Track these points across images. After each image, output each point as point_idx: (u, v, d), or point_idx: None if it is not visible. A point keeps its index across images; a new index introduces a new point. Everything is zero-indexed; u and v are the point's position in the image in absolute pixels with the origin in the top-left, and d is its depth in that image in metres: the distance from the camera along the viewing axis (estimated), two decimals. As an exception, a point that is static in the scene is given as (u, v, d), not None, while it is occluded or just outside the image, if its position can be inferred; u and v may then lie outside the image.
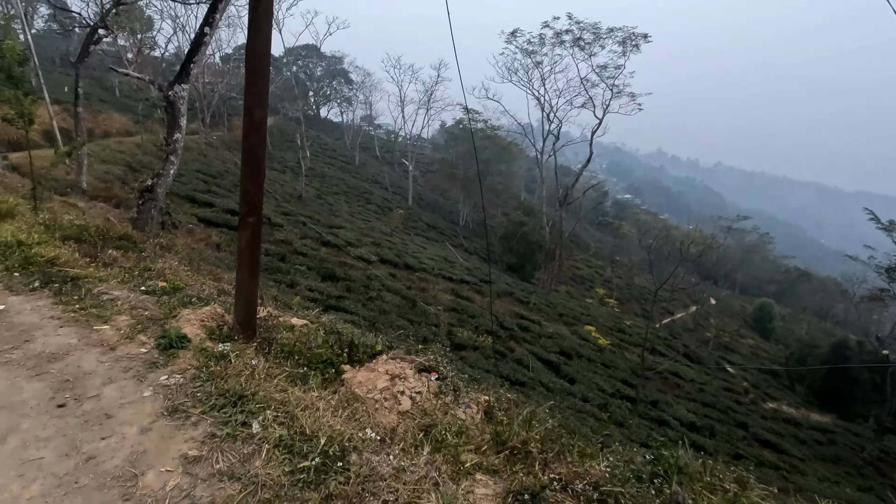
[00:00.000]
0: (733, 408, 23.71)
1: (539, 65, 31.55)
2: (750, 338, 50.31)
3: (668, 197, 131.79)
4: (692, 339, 44.31)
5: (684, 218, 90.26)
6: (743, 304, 55.14)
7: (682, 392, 23.91)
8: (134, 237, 7.24)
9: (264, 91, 3.38)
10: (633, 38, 27.92)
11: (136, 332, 3.80)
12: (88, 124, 27.63)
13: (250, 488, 2.21)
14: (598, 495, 2.84)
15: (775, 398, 31.93)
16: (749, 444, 19.97)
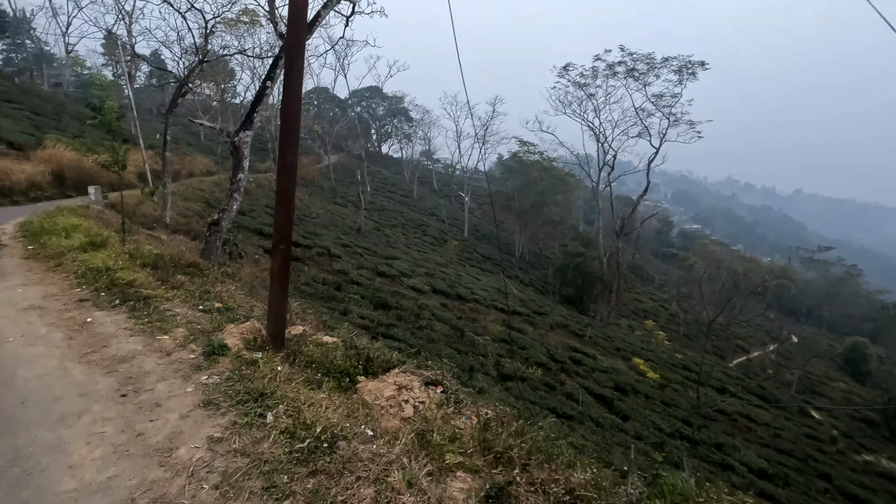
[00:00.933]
0: (815, 457, 21.57)
1: (592, 96, 31.78)
2: (841, 381, 45.49)
3: (741, 227, 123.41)
4: (771, 380, 40.83)
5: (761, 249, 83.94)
6: (831, 343, 50.08)
7: (753, 436, 22.12)
8: (200, 265, 8.29)
9: (295, 141, 4.08)
10: (689, 66, 27.52)
11: (188, 342, 4.52)
12: (175, 166, 31.17)
13: (256, 462, 2.72)
14: (569, 498, 3.07)
15: (872, 450, 28.54)
16: (832, 498, 18.05)
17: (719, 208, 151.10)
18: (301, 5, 4.06)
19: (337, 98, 68.90)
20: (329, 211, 43.93)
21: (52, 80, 53.61)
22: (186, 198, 26.01)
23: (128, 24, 25.47)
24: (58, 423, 3.14)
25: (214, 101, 54.95)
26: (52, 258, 7.56)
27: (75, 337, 4.61)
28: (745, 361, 45.70)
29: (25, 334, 4.64)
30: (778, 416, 28.42)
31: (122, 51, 29.30)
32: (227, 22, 34.89)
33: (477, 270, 43.32)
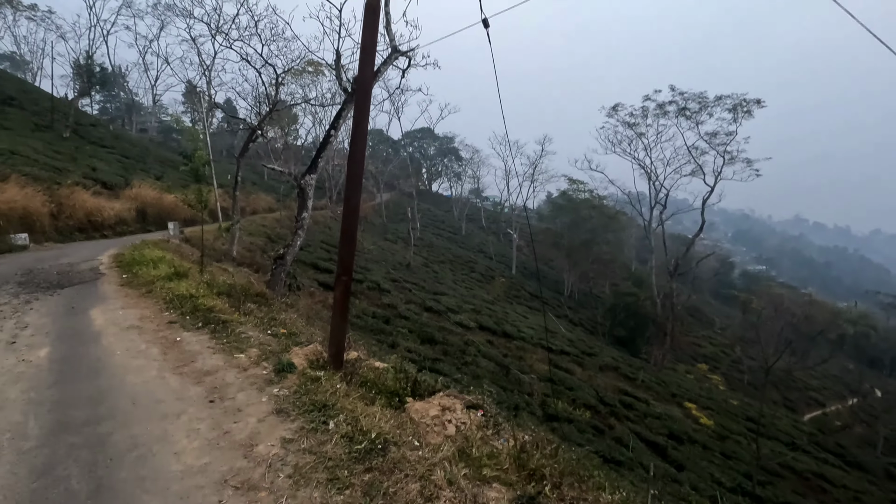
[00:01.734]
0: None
1: (642, 135, 31.89)
2: (938, 443, 40.63)
3: (812, 269, 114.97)
4: (851, 438, 37.27)
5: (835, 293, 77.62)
6: (924, 399, 45.13)
7: (828, 498, 20.32)
8: (267, 295, 9.20)
9: (359, 187, 4.79)
10: (744, 104, 27.20)
11: (261, 360, 5.21)
12: (241, 203, 33.83)
13: (321, 459, 3.24)
14: (595, 514, 3.36)
15: (980, 527, 25.28)
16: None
17: (786, 249, 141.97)
18: (368, 75, 4.86)
19: (390, 139, 72.40)
20: (380, 247, 45.58)
21: (139, 126, 60.11)
22: (250, 233, 28.08)
23: (208, 76, 28.76)
24: (162, 420, 3.83)
25: (278, 143, 59.38)
26: (143, 286, 8.69)
27: (168, 352, 5.42)
28: (820, 416, 42.04)
29: (129, 349, 5.51)
30: (860, 479, 25.87)
31: (202, 100, 32.79)
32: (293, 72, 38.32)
33: (524, 308, 43.05)
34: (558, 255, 54.92)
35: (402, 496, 2.78)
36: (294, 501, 2.84)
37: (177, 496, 2.89)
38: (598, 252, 53.72)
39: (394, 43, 10.69)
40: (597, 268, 56.00)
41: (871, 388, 45.81)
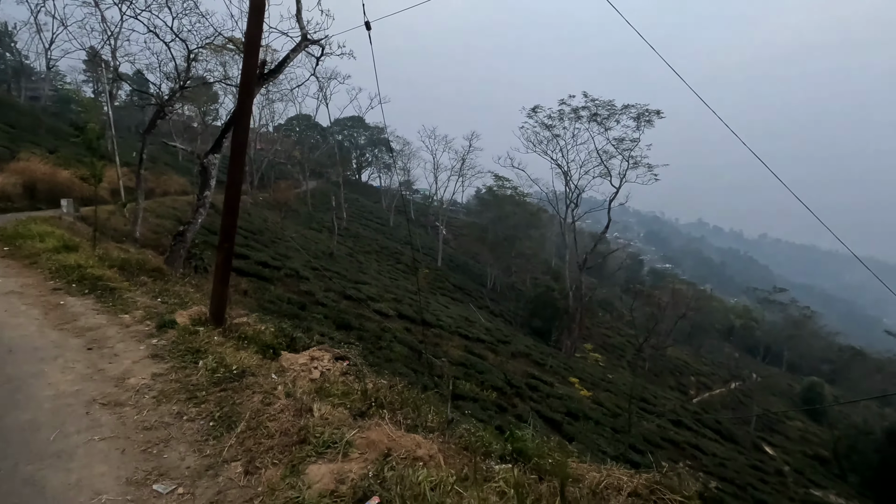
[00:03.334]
0: (755, 486, 22.89)
1: (557, 137, 34.20)
2: (799, 420, 47.36)
3: (710, 268, 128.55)
4: (731, 417, 42.37)
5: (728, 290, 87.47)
6: (791, 382, 52.26)
7: (697, 464, 23.35)
8: (164, 270, 9.41)
9: (241, 163, 5.42)
10: (646, 114, 30.19)
11: (144, 319, 5.69)
12: (150, 184, 32.00)
13: (185, 385, 3.92)
14: (410, 421, 4.31)
15: (821, 486, 30.02)
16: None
17: (689, 249, 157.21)
18: (252, 65, 5.48)
19: (319, 125, 70.95)
20: (304, 235, 44.91)
21: (29, 93, 54.29)
22: (159, 215, 26.86)
23: (112, 46, 26.86)
24: (39, 362, 4.28)
25: (195, 123, 56.31)
26: (27, 257, 8.61)
27: (50, 313, 5.72)
28: (707, 398, 47.27)
29: (8, 310, 5.74)
30: (731, 450, 29.80)
31: (105, 70, 30.55)
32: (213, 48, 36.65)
33: (447, 299, 44.45)
34: (483, 249, 56.96)
35: (247, 405, 3.52)
36: (155, 413, 3.49)
37: (49, 411, 3.43)
38: (521, 247, 56.46)
39: (304, 31, 11.15)
40: (519, 262, 58.82)
41: (750, 374, 52.01)
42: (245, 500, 2.62)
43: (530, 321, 45.81)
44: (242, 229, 35.07)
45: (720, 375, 53.98)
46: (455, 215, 76.32)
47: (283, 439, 3.10)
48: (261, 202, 51.56)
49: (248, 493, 2.67)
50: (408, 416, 4.46)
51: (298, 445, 3.04)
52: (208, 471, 2.88)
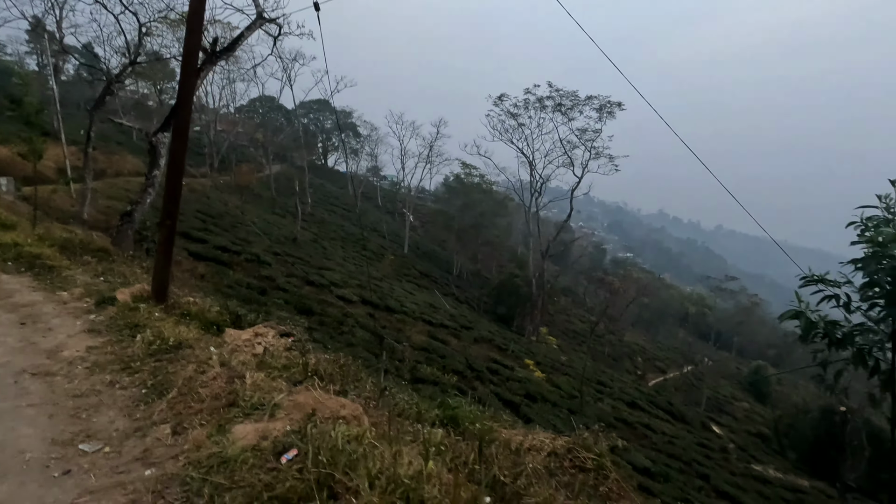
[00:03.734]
0: (700, 461, 24.23)
1: (523, 126, 34.65)
2: (745, 401, 50.00)
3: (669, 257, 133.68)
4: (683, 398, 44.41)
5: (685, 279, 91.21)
6: (739, 366, 55.17)
7: (647, 442, 24.52)
8: (109, 250, 9.21)
9: (184, 142, 5.41)
10: (608, 105, 30.95)
11: (83, 297, 5.65)
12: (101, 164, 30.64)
13: (121, 357, 3.98)
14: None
15: (761, 461, 31.95)
16: (707, 495, 20.53)
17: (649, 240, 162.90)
18: (195, 42, 5.45)
19: (283, 108, 69.16)
20: (266, 220, 44.00)
21: (-36, 64, 50.67)
22: (110, 196, 25.83)
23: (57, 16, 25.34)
24: (-33, 336, 4.23)
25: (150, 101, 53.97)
26: (-41, 236, 8.27)
27: (-18, 290, 5.60)
28: (661, 381, 49.32)
29: (-65, 287, 5.59)
30: (680, 429, 31.33)
31: (49, 42, 28.86)
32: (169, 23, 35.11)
33: (413, 286, 44.58)
34: (450, 237, 57.25)
35: (180, 374, 3.63)
36: (86, 382, 3.56)
37: (-26, 382, 3.45)
38: (488, 235, 57.04)
39: (259, 8, 10.96)
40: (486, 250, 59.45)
41: (703, 358, 54.51)
42: (170, 456, 2.76)
43: (495, 308, 46.56)
44: (201, 213, 34.12)
45: (674, 360, 56.29)
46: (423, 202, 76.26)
47: (213, 403, 3.24)
48: (221, 186, 50.11)
49: (173, 450, 2.81)
50: (345, 385, 4.65)
51: (227, 408, 3.19)
52: (136, 432, 3.00)
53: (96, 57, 32.64)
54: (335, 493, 2.35)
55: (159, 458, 2.75)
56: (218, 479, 2.51)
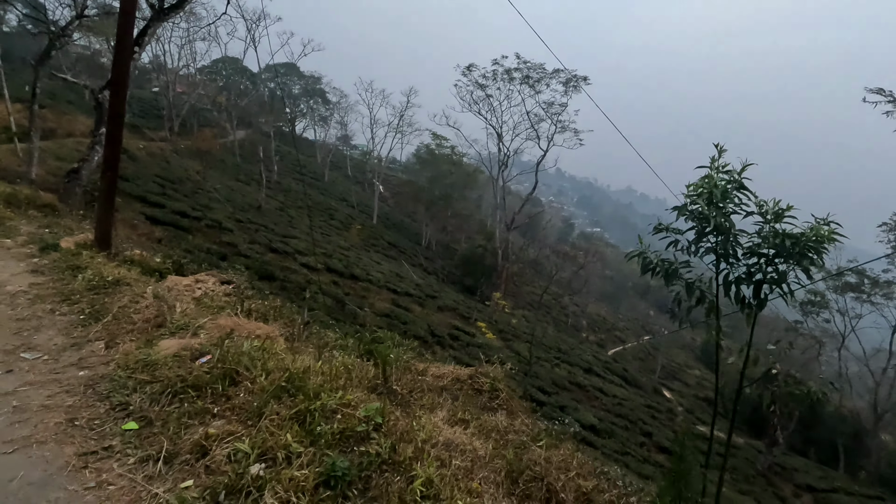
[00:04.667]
0: (645, 420, 25.99)
1: (490, 97, 34.86)
2: (697, 369, 52.79)
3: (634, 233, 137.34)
4: (639, 366, 46.68)
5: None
6: (694, 337, 58.17)
7: (598, 403, 26.12)
8: (56, 206, 9.35)
9: (123, 95, 5.68)
10: (574, 79, 31.42)
11: (27, 244, 5.96)
12: (51, 124, 29.47)
13: (61, 291, 4.39)
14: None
15: (706, 423, 34.28)
16: (647, 450, 22.21)
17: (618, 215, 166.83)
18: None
19: (248, 70, 66.90)
20: (229, 187, 43.24)
21: None
22: (60, 157, 25.06)
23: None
24: (-89, 274, 4.55)
25: (103, 57, 51.38)
26: None
27: (-75, 237, 5.83)
28: (620, 350, 51.65)
29: None
30: (633, 393, 33.25)
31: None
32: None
33: (381, 256, 44.96)
34: (419, 208, 57.50)
35: (115, 303, 4.09)
36: (29, 310, 3.98)
37: (-80, 309, 3.83)
38: (457, 207, 57.52)
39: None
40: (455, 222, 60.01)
41: (660, 329, 57.08)
42: (102, 363, 3.26)
43: (463, 279, 47.53)
44: (159, 178, 33.37)
45: (634, 330, 58.74)
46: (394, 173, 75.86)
47: (144, 325, 3.73)
48: (182, 150, 48.69)
49: (105, 359, 3.31)
50: (274, 320, 5.20)
51: (156, 329, 3.69)
52: (73, 346, 3.48)
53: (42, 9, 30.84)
54: (236, 381, 2.92)
55: (92, 364, 3.25)
56: (142, 377, 3.04)
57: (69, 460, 2.34)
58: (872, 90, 7.58)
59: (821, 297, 30.75)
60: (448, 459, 2.57)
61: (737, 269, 4.37)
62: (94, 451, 2.42)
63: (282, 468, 2.19)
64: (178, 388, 2.87)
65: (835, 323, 31.63)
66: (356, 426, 2.53)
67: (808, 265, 3.86)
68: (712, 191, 4.01)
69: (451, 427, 3.23)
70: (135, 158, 36.11)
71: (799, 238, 3.73)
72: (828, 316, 31.45)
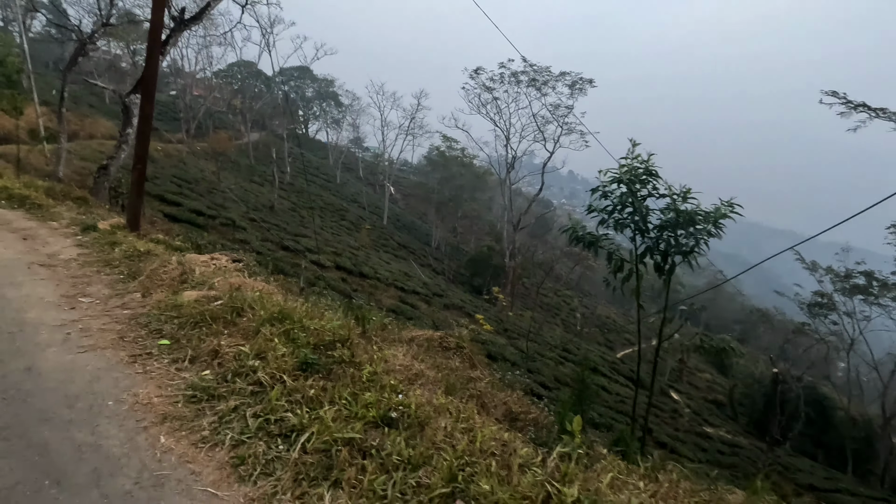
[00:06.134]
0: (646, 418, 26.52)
1: (497, 100, 35.84)
2: (708, 372, 52.87)
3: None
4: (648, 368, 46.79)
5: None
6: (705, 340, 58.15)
7: (599, 400, 26.74)
8: (87, 198, 10.55)
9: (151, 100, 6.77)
10: (580, 82, 32.26)
11: (71, 226, 7.09)
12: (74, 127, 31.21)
13: (103, 259, 5.46)
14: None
15: (714, 424, 34.68)
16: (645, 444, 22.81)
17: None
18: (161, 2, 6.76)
19: (263, 74, 68.79)
20: (244, 188, 44.84)
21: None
22: (83, 157, 26.67)
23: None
24: (-19, 245, 5.67)
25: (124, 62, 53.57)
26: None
27: (-15, 220, 7.00)
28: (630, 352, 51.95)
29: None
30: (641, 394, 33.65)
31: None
32: (141, -18, 35.09)
33: (390, 256, 46.12)
34: (429, 209, 58.57)
35: (148, 266, 5.13)
36: (80, 271, 5.05)
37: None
38: (467, 208, 58.49)
39: (225, -21, 12.02)
40: (465, 223, 61.01)
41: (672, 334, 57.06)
42: (140, 306, 4.29)
43: (471, 279, 48.48)
44: (177, 178, 34.98)
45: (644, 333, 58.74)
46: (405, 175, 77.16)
47: (171, 282, 4.76)
48: (198, 152, 50.51)
49: (142, 304, 4.35)
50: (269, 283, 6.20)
51: (180, 284, 4.71)
52: (116, 295, 4.52)
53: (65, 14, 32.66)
54: (241, 314, 3.92)
55: (133, 307, 4.29)
56: (171, 314, 4.06)
57: (123, 359, 3.36)
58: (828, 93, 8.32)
59: (828, 298, 31.00)
60: (395, 366, 3.53)
61: (649, 242, 5.25)
62: (140, 354, 3.44)
63: (271, 361, 3.18)
64: (198, 320, 3.88)
65: (843, 325, 31.81)
66: (326, 339, 3.50)
67: (701, 236, 4.74)
68: (630, 176, 4.90)
69: (409, 359, 4.19)
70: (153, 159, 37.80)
71: (693, 214, 4.61)
72: (836, 318, 31.63)
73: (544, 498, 2.23)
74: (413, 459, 2.38)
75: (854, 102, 8.08)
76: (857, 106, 8.04)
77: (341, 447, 2.43)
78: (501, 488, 2.25)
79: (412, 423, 2.68)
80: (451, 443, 2.57)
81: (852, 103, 8.12)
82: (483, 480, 2.28)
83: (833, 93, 8.24)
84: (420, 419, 2.71)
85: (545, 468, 2.51)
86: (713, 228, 4.65)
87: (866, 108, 7.93)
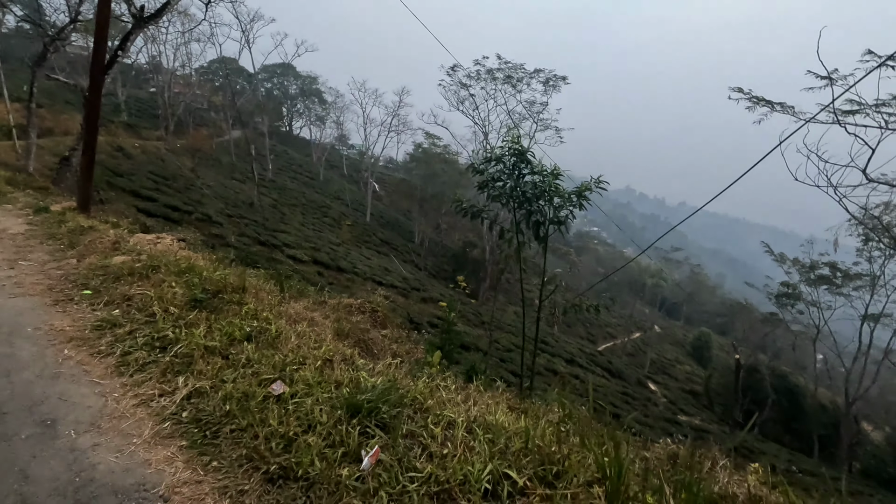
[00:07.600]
0: (616, 404, 27.54)
1: (474, 96, 36.59)
2: (687, 364, 54.12)
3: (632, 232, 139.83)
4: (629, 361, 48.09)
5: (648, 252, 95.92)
6: (685, 333, 59.50)
7: (572, 388, 27.62)
8: (48, 187, 11.15)
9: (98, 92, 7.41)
10: (553, 79, 33.13)
11: (25, 208, 7.74)
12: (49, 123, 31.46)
13: (48, 233, 6.13)
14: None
15: (689, 413, 35.78)
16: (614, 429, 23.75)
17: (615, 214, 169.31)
18: (106, 11, 7.41)
19: (244, 71, 68.98)
20: (224, 185, 45.20)
21: None
22: (56, 154, 26.98)
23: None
24: (-61, 221, 6.31)
25: (101, 59, 53.50)
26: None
27: (-56, 202, 7.62)
28: (611, 346, 53.12)
29: None
30: (617, 384, 34.75)
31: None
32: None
33: (372, 252, 46.72)
34: (413, 206, 59.20)
35: (86, 238, 5.81)
36: (25, 242, 5.71)
37: (-51, 240, 5.57)
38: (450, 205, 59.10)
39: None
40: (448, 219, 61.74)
41: (652, 325, 58.40)
42: (73, 268, 4.98)
43: (454, 275, 49.27)
44: (153, 174, 35.33)
45: (626, 327, 60.12)
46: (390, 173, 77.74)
47: (104, 249, 5.44)
48: (177, 149, 50.71)
49: (76, 267, 5.04)
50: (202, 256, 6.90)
51: (113, 251, 5.40)
52: (54, 261, 5.20)
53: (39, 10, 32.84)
54: (156, 270, 4.63)
55: (67, 269, 4.98)
56: (97, 273, 4.75)
57: (47, 302, 4.06)
58: (734, 89, 9.09)
59: (794, 288, 32.16)
60: (279, 307, 4.27)
61: (535, 215, 6.01)
62: (63, 300, 4.14)
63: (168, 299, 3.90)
64: (120, 275, 4.58)
65: (809, 315, 33.00)
66: (219, 286, 4.23)
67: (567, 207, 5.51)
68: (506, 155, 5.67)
69: (304, 310, 4.92)
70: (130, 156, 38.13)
71: (557, 187, 5.39)
72: (802, 308, 32.82)
73: (350, 381, 2.98)
74: (255, 360, 3.11)
75: (757, 97, 8.87)
76: (759, 101, 8.83)
77: (203, 352, 3.16)
78: (321, 376, 2.99)
79: (268, 340, 3.42)
80: (297, 352, 3.31)
81: (756, 98, 8.91)
82: (306, 371, 3.02)
83: (738, 89, 9.01)
84: (275, 337, 3.44)
85: (367, 369, 3.26)
86: (578, 200, 5.42)
87: (766, 102, 8.71)
